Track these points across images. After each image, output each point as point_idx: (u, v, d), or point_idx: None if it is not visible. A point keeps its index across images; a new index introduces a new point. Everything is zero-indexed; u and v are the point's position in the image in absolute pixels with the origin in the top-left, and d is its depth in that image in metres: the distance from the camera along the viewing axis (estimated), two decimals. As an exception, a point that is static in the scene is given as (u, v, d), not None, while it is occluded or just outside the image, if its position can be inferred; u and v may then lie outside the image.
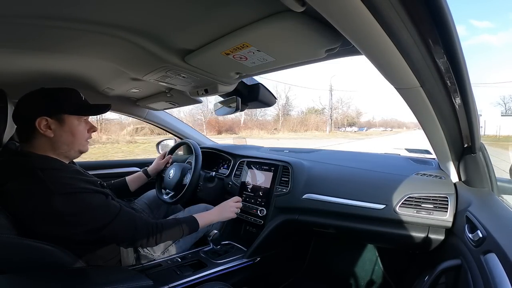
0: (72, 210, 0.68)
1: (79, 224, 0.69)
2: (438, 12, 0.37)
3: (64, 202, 0.66)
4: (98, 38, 0.67)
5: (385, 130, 40.48)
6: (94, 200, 0.72)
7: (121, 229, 0.76)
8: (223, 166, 1.60)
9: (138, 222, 0.80)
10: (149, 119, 1.70)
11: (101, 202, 0.74)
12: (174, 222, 0.89)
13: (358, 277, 1.34)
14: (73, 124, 0.77)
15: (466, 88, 0.53)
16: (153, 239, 0.82)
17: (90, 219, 0.71)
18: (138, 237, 0.79)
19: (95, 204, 0.72)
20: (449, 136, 0.77)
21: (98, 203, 0.73)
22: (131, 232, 0.78)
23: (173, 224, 0.88)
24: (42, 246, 0.64)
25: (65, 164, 0.77)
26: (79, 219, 0.69)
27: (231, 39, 0.62)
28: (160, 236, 0.83)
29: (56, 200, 0.65)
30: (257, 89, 1.10)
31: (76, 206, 0.68)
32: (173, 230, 0.87)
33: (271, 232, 1.11)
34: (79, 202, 0.69)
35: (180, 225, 0.89)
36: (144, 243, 0.81)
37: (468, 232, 0.68)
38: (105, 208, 0.74)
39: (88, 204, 0.71)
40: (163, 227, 0.84)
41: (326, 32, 0.56)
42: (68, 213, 0.67)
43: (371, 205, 0.94)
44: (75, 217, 0.68)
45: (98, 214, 0.72)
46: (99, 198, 0.74)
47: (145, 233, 0.80)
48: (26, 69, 0.96)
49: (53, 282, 0.60)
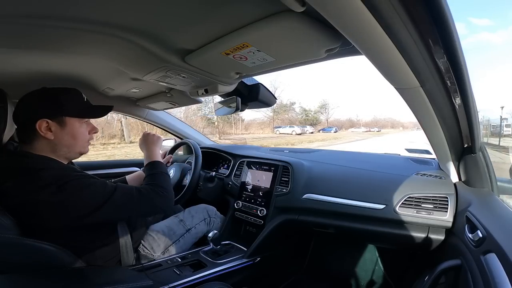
0: (71, 194, 0.68)
1: (81, 205, 0.69)
2: (438, 12, 0.37)
3: (62, 190, 0.67)
4: (98, 38, 0.67)
5: (368, 131, 34.25)
6: (89, 181, 0.73)
7: (125, 199, 0.77)
8: (223, 166, 1.60)
9: (141, 189, 0.81)
10: (149, 119, 1.70)
11: (96, 182, 0.74)
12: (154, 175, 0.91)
13: (358, 277, 1.34)
14: (74, 127, 0.77)
15: (466, 88, 0.53)
16: (163, 194, 0.85)
17: (89, 197, 0.70)
18: (150, 200, 0.81)
19: (91, 183, 0.72)
20: (449, 136, 0.77)
21: (94, 182, 0.73)
22: (139, 199, 0.79)
23: (153, 177, 0.90)
24: (42, 246, 0.64)
25: (63, 165, 0.77)
26: (80, 200, 0.69)
27: (231, 39, 0.62)
28: (162, 189, 0.86)
29: (55, 190, 0.66)
30: (257, 89, 1.10)
31: (74, 189, 0.69)
32: (162, 177, 0.91)
33: (271, 232, 1.11)
34: (76, 186, 0.69)
35: (159, 172, 0.92)
36: (162, 201, 0.84)
37: (468, 232, 0.68)
38: (102, 185, 0.74)
39: (84, 185, 0.71)
40: (154, 184, 0.86)
41: (326, 32, 0.56)
42: (68, 198, 0.67)
43: (371, 205, 0.94)
44: (75, 199, 0.68)
45: (97, 192, 0.72)
46: (94, 180, 0.74)
47: (152, 194, 0.82)
48: (26, 69, 0.96)
49: (53, 282, 0.60)
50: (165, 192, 0.86)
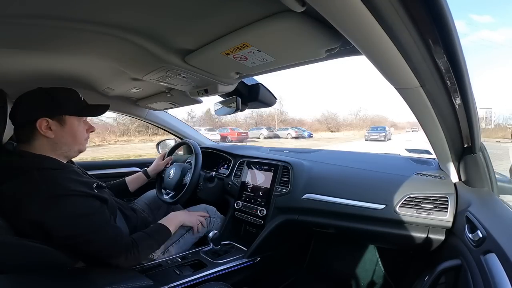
0: (56, 213, 0.65)
1: (55, 228, 0.65)
2: (438, 12, 0.37)
3: (50, 205, 0.65)
4: (98, 38, 0.67)
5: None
6: (79, 205, 0.69)
7: (98, 244, 0.71)
8: (223, 166, 1.60)
9: (119, 241, 0.75)
10: (149, 119, 1.70)
11: (88, 208, 0.71)
12: (145, 236, 0.85)
13: (359, 277, 1.34)
14: (73, 125, 0.77)
15: (466, 88, 0.53)
16: (131, 256, 0.76)
17: (67, 224, 0.66)
18: (115, 254, 0.74)
19: (78, 211, 0.68)
20: (449, 136, 0.77)
21: (81, 210, 0.69)
22: (109, 249, 0.73)
23: (145, 238, 0.84)
24: (42, 246, 0.64)
25: (63, 164, 0.77)
26: (55, 223, 0.65)
27: (231, 39, 0.62)
28: (138, 252, 0.78)
29: (44, 203, 0.64)
30: (257, 89, 1.10)
31: (58, 210, 0.65)
32: (148, 244, 0.84)
33: (271, 232, 1.11)
34: (62, 207, 0.66)
35: (152, 237, 0.86)
36: (124, 262, 0.75)
37: (468, 232, 0.68)
38: (86, 216, 0.70)
39: (70, 209, 0.67)
40: (138, 243, 0.79)
41: (326, 32, 0.56)
42: (52, 216, 0.65)
43: (371, 205, 0.94)
44: (57, 221, 0.65)
45: (78, 222, 0.68)
46: (86, 204, 0.71)
47: (123, 250, 0.75)
48: (26, 69, 0.96)
49: (53, 282, 0.60)
50: (136, 259, 0.78)
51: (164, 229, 0.93)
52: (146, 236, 0.85)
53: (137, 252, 0.78)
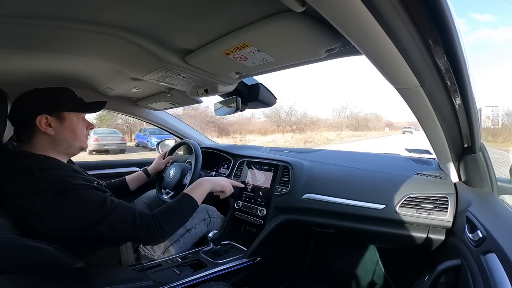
0: (66, 206, 0.66)
1: (74, 219, 0.67)
2: (439, 12, 0.37)
3: (59, 200, 0.65)
4: (98, 38, 0.67)
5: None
6: (89, 195, 0.70)
7: (119, 224, 0.71)
8: (223, 166, 1.60)
9: (138, 216, 0.74)
10: (149, 119, 1.70)
11: (96, 197, 0.71)
12: (166, 209, 0.81)
13: (359, 277, 1.34)
14: (72, 121, 0.78)
15: (466, 88, 0.53)
16: (156, 232, 0.74)
17: (84, 214, 0.68)
18: (139, 232, 0.73)
19: (90, 199, 0.69)
20: (449, 136, 0.77)
21: (93, 198, 0.70)
22: (131, 227, 0.72)
23: (166, 210, 0.80)
24: (42, 246, 0.64)
25: (63, 164, 0.77)
26: (74, 214, 0.67)
27: (231, 39, 0.62)
28: (160, 227, 0.75)
29: (52, 199, 0.65)
30: (257, 89, 1.10)
31: (70, 202, 0.67)
32: (168, 216, 0.79)
33: (271, 232, 1.11)
34: (74, 198, 0.67)
35: (173, 209, 0.81)
36: (149, 238, 0.75)
37: (468, 232, 0.68)
38: (100, 202, 0.70)
39: (83, 199, 0.68)
40: (159, 217, 0.77)
41: (326, 32, 0.56)
42: (62, 210, 0.66)
43: (371, 205, 0.94)
44: (70, 213, 0.66)
45: (93, 209, 0.68)
46: (95, 193, 0.72)
47: (144, 227, 0.74)
48: (26, 69, 0.96)
49: (53, 282, 0.60)
50: (160, 233, 0.76)
51: (187, 198, 0.87)
52: (167, 209, 0.81)
53: (159, 226, 0.75)
